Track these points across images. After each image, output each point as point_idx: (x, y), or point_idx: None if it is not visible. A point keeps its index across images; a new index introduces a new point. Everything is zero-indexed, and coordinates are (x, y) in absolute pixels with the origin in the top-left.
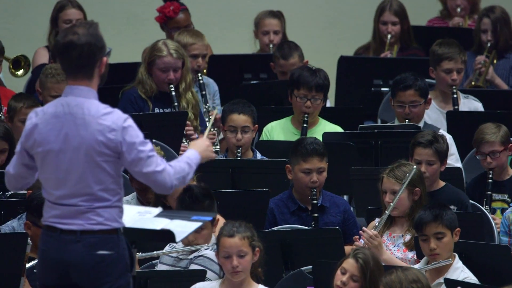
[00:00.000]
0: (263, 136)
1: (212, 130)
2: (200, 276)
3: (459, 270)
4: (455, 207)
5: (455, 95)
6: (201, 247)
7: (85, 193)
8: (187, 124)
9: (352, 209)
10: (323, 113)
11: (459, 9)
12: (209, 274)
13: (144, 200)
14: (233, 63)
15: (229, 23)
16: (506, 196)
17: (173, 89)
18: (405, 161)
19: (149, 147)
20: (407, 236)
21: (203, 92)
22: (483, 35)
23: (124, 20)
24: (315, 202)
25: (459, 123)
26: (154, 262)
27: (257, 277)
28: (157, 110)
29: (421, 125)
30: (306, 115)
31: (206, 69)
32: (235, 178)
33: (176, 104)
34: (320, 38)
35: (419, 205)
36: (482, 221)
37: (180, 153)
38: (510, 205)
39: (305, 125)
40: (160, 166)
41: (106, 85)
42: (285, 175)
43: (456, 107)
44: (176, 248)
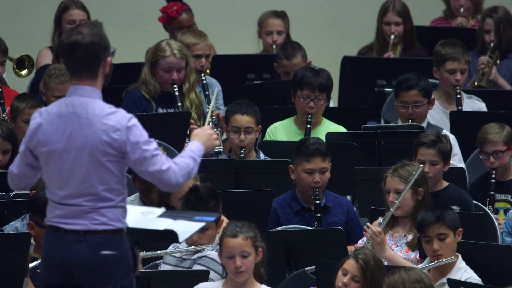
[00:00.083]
0: (267, 137)
1: (216, 130)
2: (203, 276)
3: (462, 270)
4: (458, 207)
5: (458, 96)
6: (205, 247)
7: (89, 193)
8: (190, 123)
9: (355, 209)
10: (326, 113)
11: (462, 9)
12: (212, 275)
13: (147, 200)
14: (236, 63)
15: (232, 23)
16: (509, 196)
17: (176, 89)
18: (408, 161)
19: (153, 146)
20: (409, 236)
21: (206, 92)
22: (486, 36)
23: (127, 20)
24: (318, 202)
25: (462, 123)
26: (157, 262)
27: (260, 277)
28: (160, 110)
29: (424, 125)
30: (310, 115)
31: (209, 69)
32: (238, 178)
33: (179, 104)
34: (324, 38)
35: (422, 205)
36: (485, 222)
37: None
38: None
39: (308, 125)
40: (165, 164)
41: (110, 85)
42: (288, 175)
43: (460, 107)
44: (179, 248)
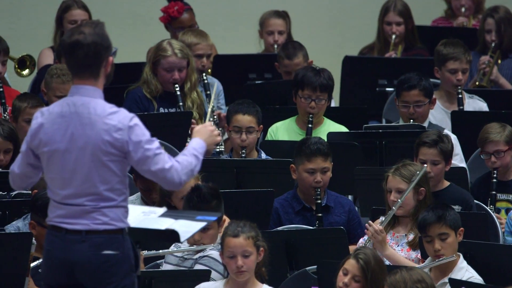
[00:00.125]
0: (268, 137)
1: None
2: (205, 276)
3: (463, 270)
4: (460, 207)
5: (460, 95)
6: (207, 247)
7: (90, 193)
8: (192, 123)
9: (356, 209)
10: (327, 113)
11: (463, 9)
12: (214, 275)
13: (148, 200)
14: (237, 63)
15: (233, 23)
16: (511, 196)
17: (178, 88)
18: (410, 161)
19: (155, 145)
20: (410, 236)
21: (208, 92)
22: (487, 35)
23: (128, 20)
24: (319, 202)
25: (464, 123)
26: (159, 262)
27: (261, 276)
28: (162, 110)
29: (425, 125)
30: (311, 115)
31: (210, 69)
32: (239, 178)
33: (181, 104)
34: (325, 38)
35: (423, 205)
36: (486, 221)
37: None
38: None
39: (309, 125)
40: (168, 163)
41: (111, 85)
42: (289, 175)
43: (461, 107)
44: (181, 248)
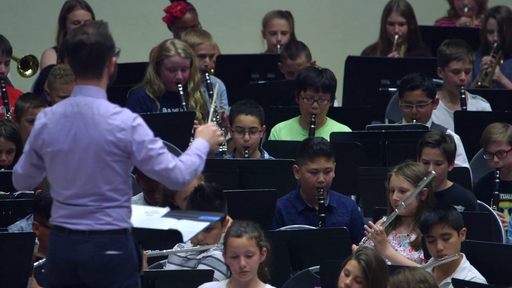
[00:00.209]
0: (271, 137)
1: (220, 130)
2: (208, 276)
3: (466, 270)
4: (463, 207)
5: (463, 96)
6: (210, 247)
7: (94, 193)
8: (195, 123)
9: (359, 209)
10: (330, 113)
11: (466, 9)
12: (217, 275)
13: (151, 200)
14: (240, 63)
15: (236, 23)
16: None
17: (181, 88)
18: (413, 161)
19: (159, 144)
20: (412, 236)
21: (211, 92)
22: (489, 36)
23: (131, 20)
24: (322, 202)
25: (467, 123)
26: (162, 262)
27: (264, 277)
28: (165, 110)
29: (428, 125)
30: (313, 116)
31: (213, 69)
32: (242, 178)
33: (184, 103)
34: (328, 38)
35: (426, 205)
36: (489, 221)
37: None
38: None
39: (312, 125)
40: (172, 163)
41: (114, 85)
42: (292, 175)
43: (464, 107)
44: (185, 248)
